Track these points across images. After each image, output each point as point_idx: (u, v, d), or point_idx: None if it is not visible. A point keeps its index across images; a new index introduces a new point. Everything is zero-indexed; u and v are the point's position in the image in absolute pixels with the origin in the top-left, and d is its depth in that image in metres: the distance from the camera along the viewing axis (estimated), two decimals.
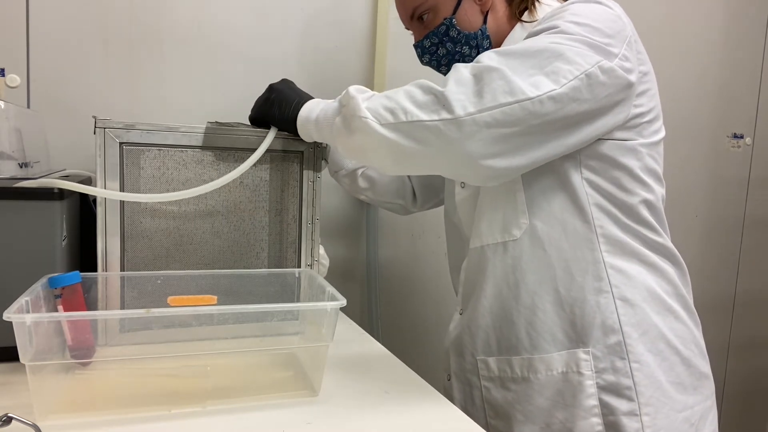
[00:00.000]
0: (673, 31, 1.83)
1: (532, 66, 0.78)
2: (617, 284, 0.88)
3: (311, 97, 0.97)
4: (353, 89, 0.86)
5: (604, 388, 0.87)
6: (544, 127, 0.78)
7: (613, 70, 0.80)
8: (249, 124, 1.02)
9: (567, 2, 0.90)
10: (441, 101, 0.78)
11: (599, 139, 0.86)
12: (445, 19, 0.96)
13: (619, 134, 0.87)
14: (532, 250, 0.90)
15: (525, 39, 0.87)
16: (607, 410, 0.87)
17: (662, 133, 0.93)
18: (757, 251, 2.07)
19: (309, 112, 0.93)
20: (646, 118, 0.89)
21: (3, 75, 1.15)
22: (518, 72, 0.77)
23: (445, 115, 0.77)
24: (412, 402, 0.78)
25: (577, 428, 0.87)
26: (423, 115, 0.79)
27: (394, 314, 1.54)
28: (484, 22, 0.96)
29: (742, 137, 1.99)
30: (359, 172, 1.21)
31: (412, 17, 1.00)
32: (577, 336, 0.89)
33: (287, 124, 0.96)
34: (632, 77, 0.83)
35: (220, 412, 0.72)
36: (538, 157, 0.82)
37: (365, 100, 0.84)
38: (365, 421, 0.73)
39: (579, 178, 0.88)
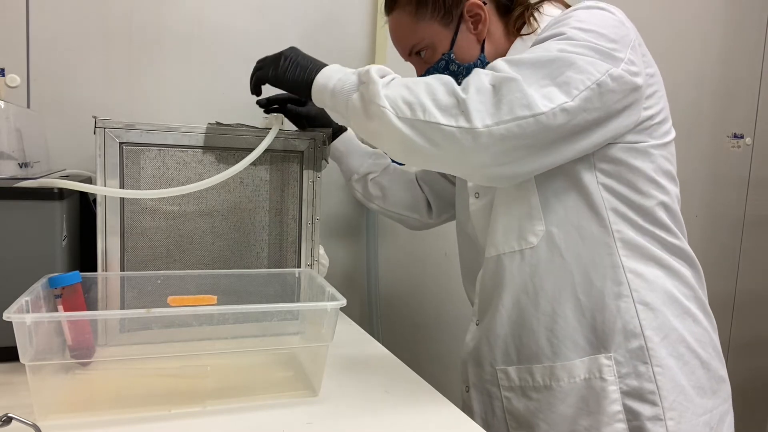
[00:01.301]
0: (673, 31, 1.83)
1: (543, 76, 0.78)
2: (637, 288, 0.88)
3: (325, 64, 0.94)
4: (374, 70, 0.84)
5: (627, 393, 0.87)
6: (555, 138, 0.79)
7: (621, 76, 0.80)
8: (249, 125, 1.01)
9: (569, 10, 0.90)
10: (461, 107, 0.78)
11: (611, 143, 0.86)
12: (443, 54, 0.96)
13: (629, 137, 0.87)
14: (550, 257, 0.90)
15: (532, 47, 0.87)
16: (631, 415, 0.86)
17: (672, 134, 0.92)
18: (757, 251, 2.06)
19: (327, 79, 0.91)
20: (656, 120, 0.89)
21: (3, 75, 1.15)
22: (532, 83, 0.77)
23: (463, 122, 0.77)
24: (411, 402, 0.78)
25: None
26: (441, 118, 0.78)
27: (394, 314, 1.54)
28: (482, 50, 0.96)
29: (742, 137, 1.99)
30: (370, 176, 1.20)
31: (410, 53, 1.00)
32: (599, 341, 0.88)
33: (300, 88, 0.93)
34: (639, 80, 0.83)
35: (220, 412, 0.72)
36: (547, 163, 0.82)
37: (385, 86, 0.83)
38: (365, 421, 0.73)
39: (595, 183, 0.88)
